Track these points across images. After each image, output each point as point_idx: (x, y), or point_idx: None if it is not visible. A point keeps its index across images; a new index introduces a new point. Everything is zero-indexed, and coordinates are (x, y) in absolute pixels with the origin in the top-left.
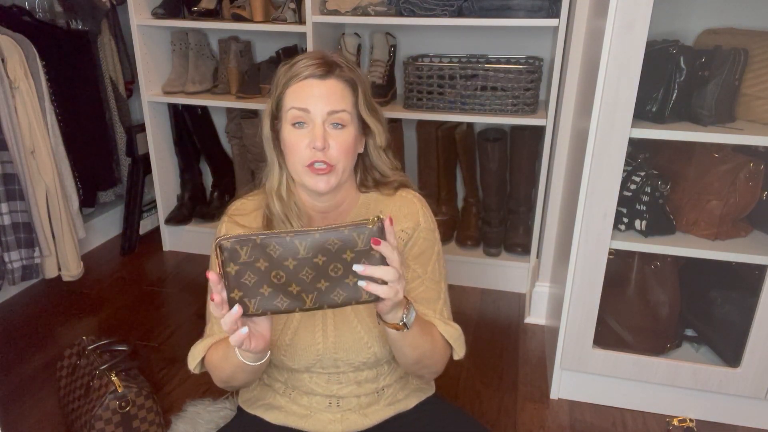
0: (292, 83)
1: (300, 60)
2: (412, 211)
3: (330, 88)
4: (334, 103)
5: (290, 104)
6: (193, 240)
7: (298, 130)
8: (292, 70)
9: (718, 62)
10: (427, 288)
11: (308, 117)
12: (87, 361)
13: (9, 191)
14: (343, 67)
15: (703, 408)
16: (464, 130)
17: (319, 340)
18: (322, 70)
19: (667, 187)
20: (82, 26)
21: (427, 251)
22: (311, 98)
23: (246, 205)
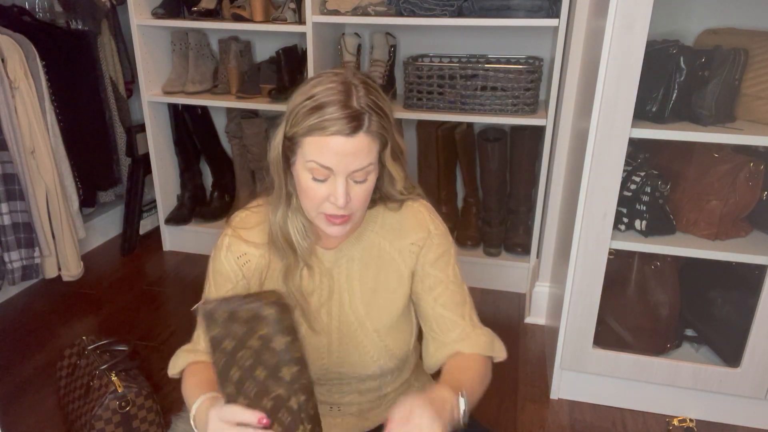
0: (315, 134)
1: (326, 106)
2: (419, 222)
3: (358, 145)
4: (361, 160)
5: (311, 156)
6: (193, 240)
7: (317, 182)
8: (315, 117)
9: (718, 62)
10: (453, 292)
11: (330, 172)
12: (87, 361)
13: (9, 191)
14: (374, 113)
15: (703, 408)
16: (464, 130)
17: (324, 356)
18: (352, 126)
19: (667, 187)
20: (82, 26)
21: (444, 254)
22: (336, 157)
23: (250, 218)
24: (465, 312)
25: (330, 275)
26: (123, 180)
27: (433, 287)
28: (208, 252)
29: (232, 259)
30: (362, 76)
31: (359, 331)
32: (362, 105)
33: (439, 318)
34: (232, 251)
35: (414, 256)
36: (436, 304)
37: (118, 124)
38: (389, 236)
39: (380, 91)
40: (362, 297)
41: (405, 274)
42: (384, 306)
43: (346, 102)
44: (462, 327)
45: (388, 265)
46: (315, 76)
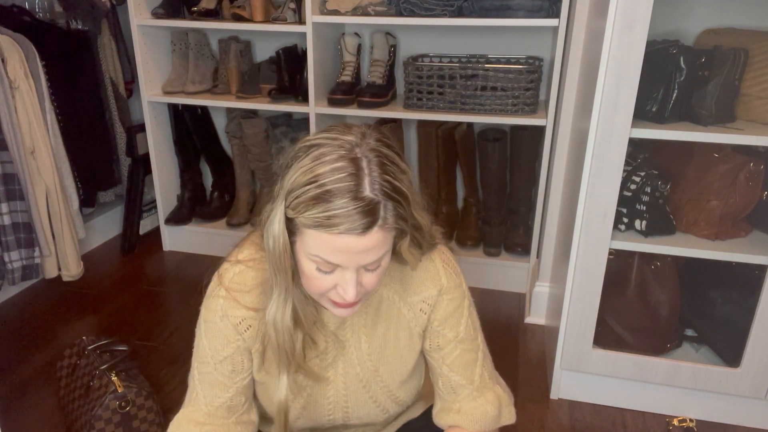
0: (321, 230)
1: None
2: (432, 275)
3: (370, 243)
4: (374, 255)
5: (314, 251)
6: (193, 240)
7: (323, 274)
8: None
9: (718, 62)
10: (463, 350)
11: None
12: (87, 361)
13: (9, 191)
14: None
15: (703, 408)
16: (464, 130)
17: (331, 412)
18: (364, 224)
19: (667, 187)
20: (82, 26)
21: (457, 311)
22: (345, 255)
23: (245, 277)
24: (475, 373)
25: (335, 337)
26: (123, 180)
27: (442, 347)
28: (209, 252)
29: (231, 325)
30: (375, 141)
31: (368, 387)
32: (376, 192)
33: (446, 379)
34: (230, 317)
35: (425, 316)
36: (443, 364)
37: (118, 124)
38: (399, 289)
39: (398, 161)
40: (370, 353)
41: (416, 332)
42: (395, 362)
43: (357, 192)
44: (469, 391)
45: (398, 320)
46: (316, 143)
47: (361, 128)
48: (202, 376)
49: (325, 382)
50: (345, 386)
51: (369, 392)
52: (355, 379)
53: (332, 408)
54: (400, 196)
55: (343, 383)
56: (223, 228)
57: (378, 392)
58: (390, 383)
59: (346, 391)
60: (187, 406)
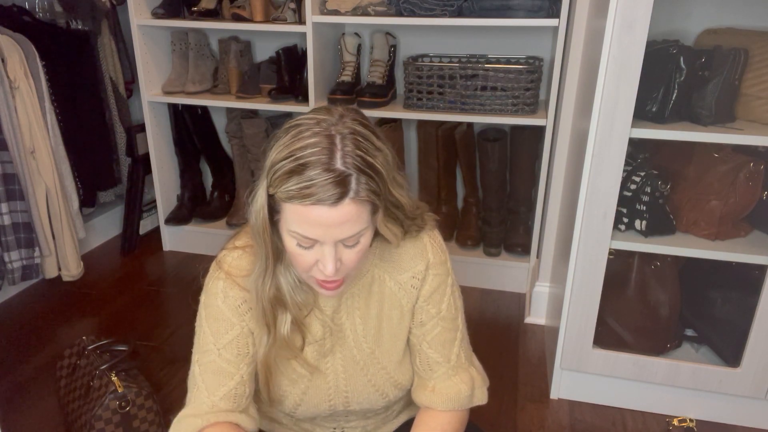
0: (294, 201)
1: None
2: (419, 251)
3: (343, 215)
4: (349, 229)
5: (292, 226)
6: (193, 240)
7: (303, 249)
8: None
9: (718, 62)
10: (443, 328)
11: (315, 242)
12: (87, 361)
13: (9, 191)
14: (362, 176)
15: (703, 408)
16: (464, 130)
17: (331, 397)
18: (335, 195)
19: (667, 187)
20: (82, 26)
21: (440, 287)
22: (319, 228)
23: (242, 261)
24: (452, 352)
25: (333, 323)
26: (123, 180)
27: (424, 322)
28: (209, 252)
29: (233, 306)
30: (352, 122)
31: (366, 370)
32: (348, 166)
33: (424, 355)
34: (231, 298)
35: (415, 291)
36: (423, 341)
37: (118, 124)
38: (389, 269)
39: (374, 140)
40: (366, 335)
41: (406, 308)
42: (390, 342)
43: (329, 164)
44: (444, 369)
45: (390, 299)
46: (295, 123)
47: (340, 110)
48: (205, 367)
49: (323, 368)
50: (344, 370)
51: (367, 375)
52: (352, 362)
53: (332, 394)
54: (372, 170)
55: (342, 368)
56: (223, 228)
57: (376, 375)
58: (387, 364)
59: (346, 375)
60: (188, 405)
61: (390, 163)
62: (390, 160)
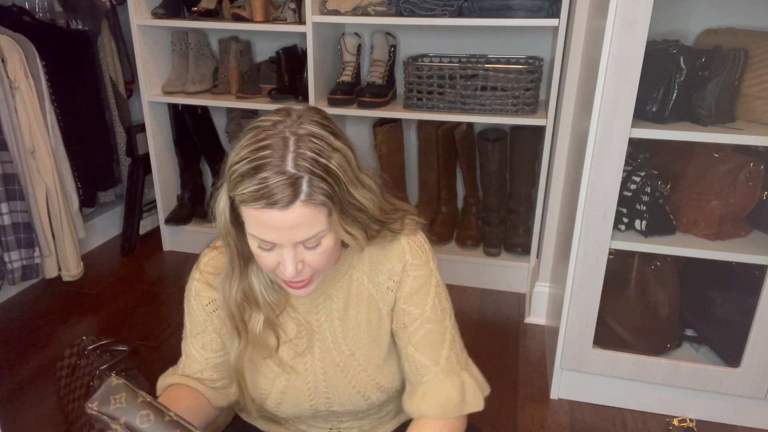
0: (248, 205)
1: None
2: (397, 253)
3: (296, 218)
4: (304, 232)
5: (249, 228)
6: (193, 240)
7: (264, 251)
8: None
9: (718, 62)
10: (429, 330)
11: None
12: (87, 361)
13: (9, 191)
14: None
15: (703, 408)
16: (464, 130)
17: (311, 396)
18: (286, 197)
19: (667, 187)
20: (82, 26)
21: (422, 288)
22: (274, 232)
23: (218, 262)
24: (441, 355)
25: (307, 322)
26: (123, 180)
27: (408, 325)
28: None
29: (201, 306)
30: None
31: (346, 371)
32: (300, 168)
33: (411, 359)
34: (201, 297)
35: (392, 294)
36: (409, 344)
37: (118, 124)
38: (367, 270)
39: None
40: (345, 336)
41: (384, 311)
42: (369, 344)
43: (280, 165)
44: (434, 373)
45: (368, 301)
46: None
47: (300, 110)
48: (184, 345)
49: (302, 368)
50: (323, 372)
51: (347, 377)
52: (332, 364)
53: (312, 394)
54: (326, 172)
55: (321, 368)
56: None
57: (357, 377)
58: (367, 367)
59: (325, 377)
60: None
61: (350, 163)
62: (351, 161)
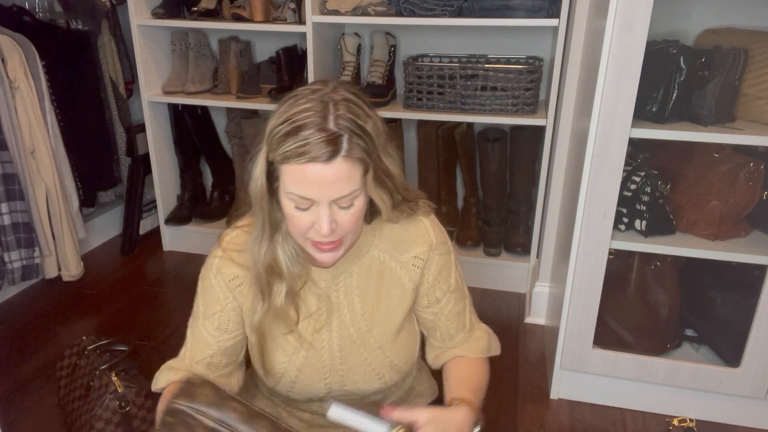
0: (291, 162)
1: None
2: (421, 233)
3: (337, 173)
4: (342, 188)
5: (289, 188)
6: (193, 240)
7: (300, 211)
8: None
9: (718, 62)
10: (456, 300)
11: (311, 202)
12: (87, 361)
13: (9, 191)
14: (354, 134)
15: (703, 408)
16: (464, 130)
17: (327, 375)
18: (328, 151)
19: (667, 187)
20: (82, 26)
21: (446, 266)
22: (314, 186)
23: (241, 239)
24: (466, 318)
25: (327, 297)
26: (123, 180)
27: (439, 299)
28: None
29: (223, 282)
30: (345, 91)
31: (362, 348)
32: (340, 126)
33: (443, 329)
34: (223, 274)
35: (419, 271)
36: (440, 316)
37: (118, 124)
38: (389, 249)
39: (365, 108)
40: (363, 313)
41: (408, 287)
42: (386, 321)
43: (321, 124)
44: (463, 335)
45: (390, 278)
46: (292, 94)
47: (334, 82)
48: (192, 331)
49: (319, 344)
50: (340, 348)
51: (363, 354)
52: (348, 340)
53: (327, 372)
54: (363, 132)
55: (338, 345)
56: (223, 228)
57: (372, 354)
58: (383, 343)
59: (341, 353)
60: (176, 358)
61: (380, 130)
62: (380, 129)
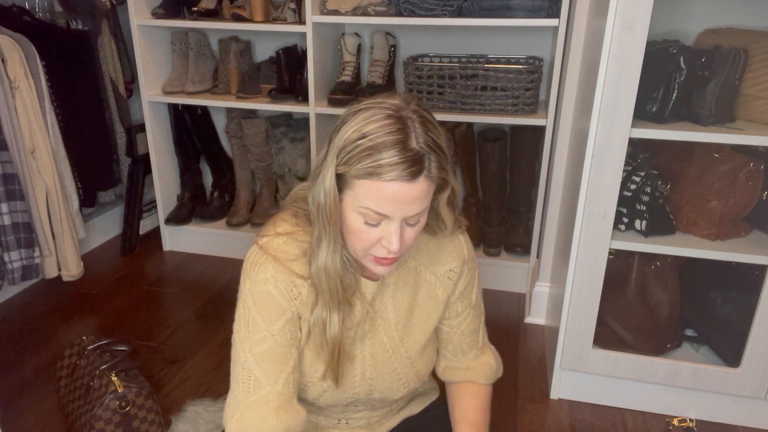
0: (372, 179)
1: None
2: (457, 248)
3: (417, 192)
4: (418, 206)
5: (365, 202)
6: (193, 240)
7: (369, 226)
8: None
9: (718, 62)
10: (473, 317)
11: (383, 218)
12: (87, 361)
13: (9, 191)
14: (432, 155)
15: (703, 408)
16: (464, 130)
17: (356, 384)
18: (412, 172)
19: (667, 187)
20: (82, 26)
21: (471, 281)
22: (393, 204)
23: (290, 247)
24: (479, 336)
25: (372, 307)
26: (123, 180)
27: (459, 313)
28: (209, 252)
29: (284, 291)
30: (416, 106)
31: (393, 358)
32: (422, 146)
33: (456, 343)
34: (282, 281)
35: (452, 283)
36: (458, 330)
37: (118, 124)
38: (426, 261)
39: (436, 123)
40: (397, 323)
41: (441, 299)
42: (418, 331)
43: (405, 143)
44: (475, 352)
45: (424, 289)
46: (363, 107)
47: (403, 96)
48: (261, 356)
49: (354, 354)
50: (372, 357)
51: (393, 364)
52: (381, 350)
53: (358, 381)
54: (441, 151)
55: (370, 354)
56: (223, 228)
57: (402, 364)
58: (413, 354)
59: (374, 362)
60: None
61: (449, 146)
62: (449, 145)
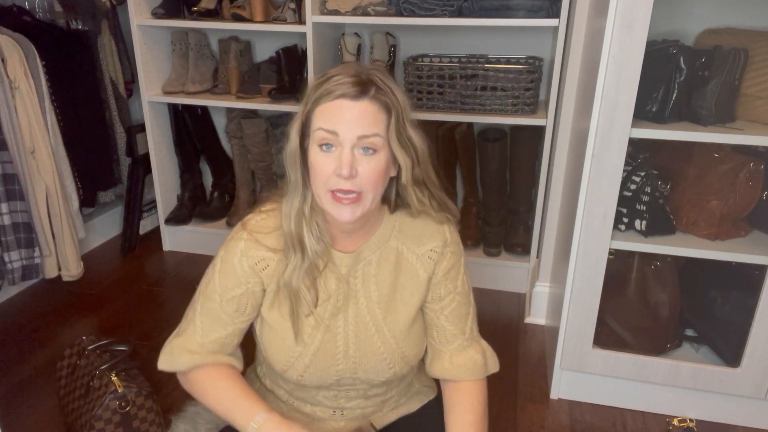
0: (322, 101)
1: (333, 76)
2: (438, 229)
3: (362, 110)
4: (366, 126)
5: (318, 124)
6: (193, 240)
7: (325, 153)
8: (323, 86)
9: (718, 62)
10: (459, 303)
11: (336, 140)
12: (87, 361)
13: (9, 191)
14: (381, 86)
15: (703, 408)
16: (464, 130)
17: (339, 361)
18: (356, 90)
19: (667, 187)
20: (82, 26)
21: (456, 265)
22: (341, 120)
23: (267, 222)
24: (466, 326)
25: (346, 282)
26: (123, 180)
27: (442, 297)
28: (209, 252)
29: (248, 265)
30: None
31: (376, 337)
32: (371, 77)
33: (441, 328)
34: (249, 257)
35: (432, 263)
36: (442, 314)
37: (118, 124)
38: (408, 242)
39: (394, 82)
40: (379, 301)
41: (423, 279)
42: (401, 311)
43: (352, 72)
44: (460, 341)
45: (406, 269)
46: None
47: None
48: (205, 310)
49: (334, 328)
50: (355, 334)
51: (377, 343)
52: (363, 327)
53: (341, 358)
54: (390, 90)
55: (353, 331)
56: (223, 228)
57: (386, 343)
58: (397, 333)
59: (356, 339)
60: (181, 336)
61: (406, 103)
62: (406, 102)
